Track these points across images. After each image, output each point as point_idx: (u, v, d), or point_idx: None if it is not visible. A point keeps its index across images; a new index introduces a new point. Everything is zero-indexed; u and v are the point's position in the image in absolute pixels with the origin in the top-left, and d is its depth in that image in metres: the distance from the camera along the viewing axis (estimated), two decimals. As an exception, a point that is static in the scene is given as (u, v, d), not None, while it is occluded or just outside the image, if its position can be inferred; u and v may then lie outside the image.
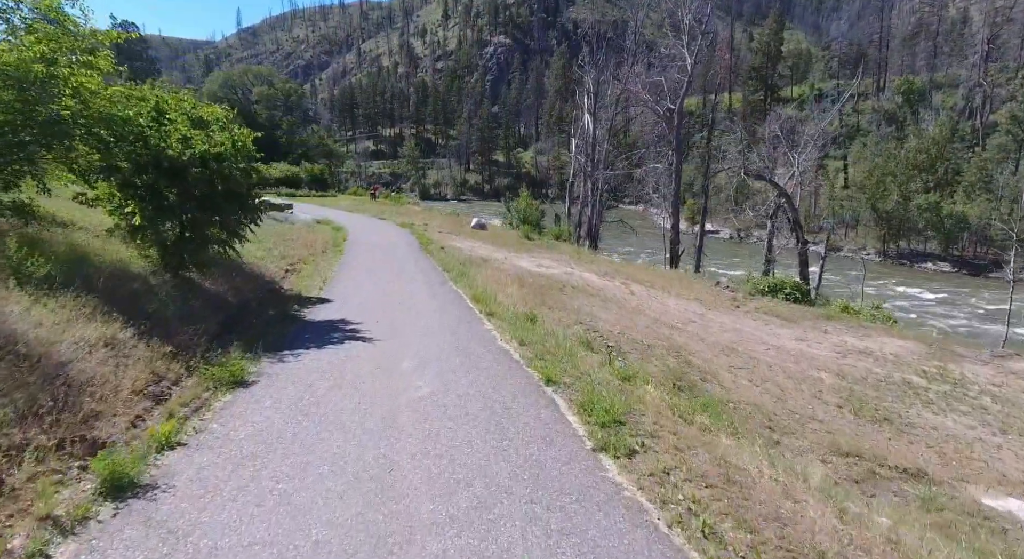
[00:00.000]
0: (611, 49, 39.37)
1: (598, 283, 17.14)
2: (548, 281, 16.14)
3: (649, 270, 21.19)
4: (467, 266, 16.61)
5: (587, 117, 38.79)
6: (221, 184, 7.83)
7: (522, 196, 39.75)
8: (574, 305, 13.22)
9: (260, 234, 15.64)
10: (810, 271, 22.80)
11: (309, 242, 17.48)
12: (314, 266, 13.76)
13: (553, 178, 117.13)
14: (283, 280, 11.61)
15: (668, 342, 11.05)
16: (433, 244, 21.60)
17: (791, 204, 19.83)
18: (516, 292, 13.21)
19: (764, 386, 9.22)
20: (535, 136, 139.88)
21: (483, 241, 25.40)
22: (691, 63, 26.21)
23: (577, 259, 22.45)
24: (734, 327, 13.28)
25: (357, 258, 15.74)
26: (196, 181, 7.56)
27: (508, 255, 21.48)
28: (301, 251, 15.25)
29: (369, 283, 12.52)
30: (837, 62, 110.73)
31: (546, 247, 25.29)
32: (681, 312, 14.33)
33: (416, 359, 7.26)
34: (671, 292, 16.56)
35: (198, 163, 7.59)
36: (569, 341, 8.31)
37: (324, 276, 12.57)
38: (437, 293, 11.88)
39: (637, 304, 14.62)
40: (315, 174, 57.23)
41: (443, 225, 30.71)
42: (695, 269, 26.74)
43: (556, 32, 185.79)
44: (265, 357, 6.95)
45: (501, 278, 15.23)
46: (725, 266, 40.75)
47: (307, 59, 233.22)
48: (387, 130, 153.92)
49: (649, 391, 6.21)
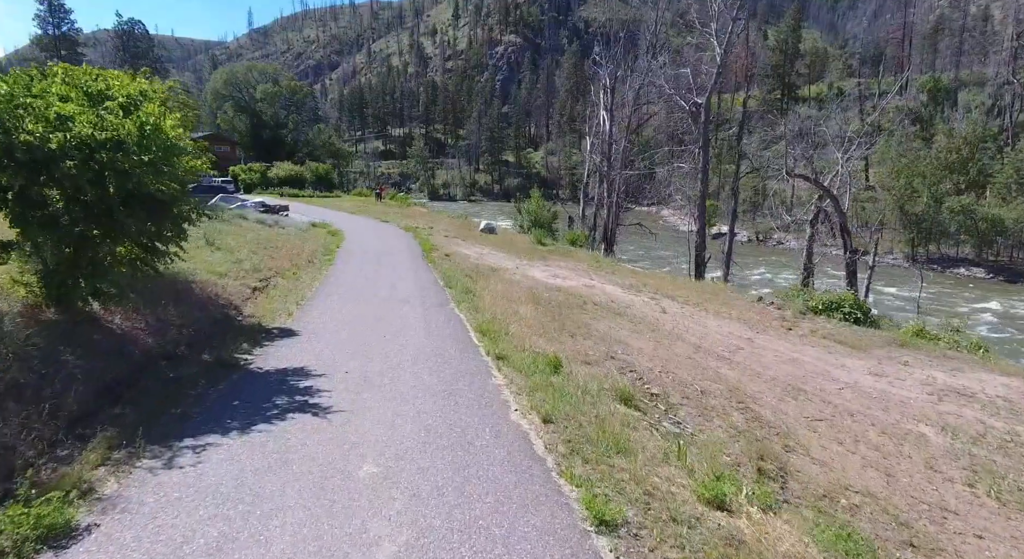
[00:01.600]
0: (628, 42, 37.21)
1: (623, 298, 14.98)
2: (567, 297, 14.01)
3: (678, 282, 18.99)
4: (474, 278, 14.52)
5: (603, 114, 36.62)
6: (115, 183, 5.63)
7: (533, 197, 37.64)
8: (600, 330, 11.08)
9: (236, 243, 13.67)
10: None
11: (295, 250, 15.47)
12: (293, 281, 11.73)
13: (564, 178, 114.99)
14: (246, 303, 9.54)
15: (721, 381, 8.89)
16: (437, 251, 19.55)
17: (839, 208, 17.60)
18: (531, 314, 11.10)
19: (860, 451, 7.04)
20: (546, 136, 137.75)
21: (492, 247, 23.31)
22: (720, 53, 23.97)
23: (596, 268, 20.28)
24: (792, 357, 11.09)
25: (347, 270, 13.68)
26: (72, 180, 5.39)
27: (520, 263, 19.37)
28: (281, 262, 13.23)
29: (353, 305, 10.39)
30: (858, 60, 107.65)
31: (561, 254, 23.14)
32: (725, 336, 12.15)
33: (384, 459, 4.79)
34: (708, 310, 14.37)
35: (75, 154, 5.40)
36: (606, 400, 6.17)
37: (300, 296, 10.52)
38: (434, 322, 9.68)
39: (673, 327, 12.45)
40: (320, 174, 55.38)
41: (449, 229, 28.66)
42: (723, 278, 24.48)
43: (567, 31, 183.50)
44: (144, 458, 4.57)
45: (513, 294, 13.13)
46: (751, 274, 38.39)
47: (317, 59, 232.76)
48: (396, 130, 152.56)
49: (767, 530, 4.01)
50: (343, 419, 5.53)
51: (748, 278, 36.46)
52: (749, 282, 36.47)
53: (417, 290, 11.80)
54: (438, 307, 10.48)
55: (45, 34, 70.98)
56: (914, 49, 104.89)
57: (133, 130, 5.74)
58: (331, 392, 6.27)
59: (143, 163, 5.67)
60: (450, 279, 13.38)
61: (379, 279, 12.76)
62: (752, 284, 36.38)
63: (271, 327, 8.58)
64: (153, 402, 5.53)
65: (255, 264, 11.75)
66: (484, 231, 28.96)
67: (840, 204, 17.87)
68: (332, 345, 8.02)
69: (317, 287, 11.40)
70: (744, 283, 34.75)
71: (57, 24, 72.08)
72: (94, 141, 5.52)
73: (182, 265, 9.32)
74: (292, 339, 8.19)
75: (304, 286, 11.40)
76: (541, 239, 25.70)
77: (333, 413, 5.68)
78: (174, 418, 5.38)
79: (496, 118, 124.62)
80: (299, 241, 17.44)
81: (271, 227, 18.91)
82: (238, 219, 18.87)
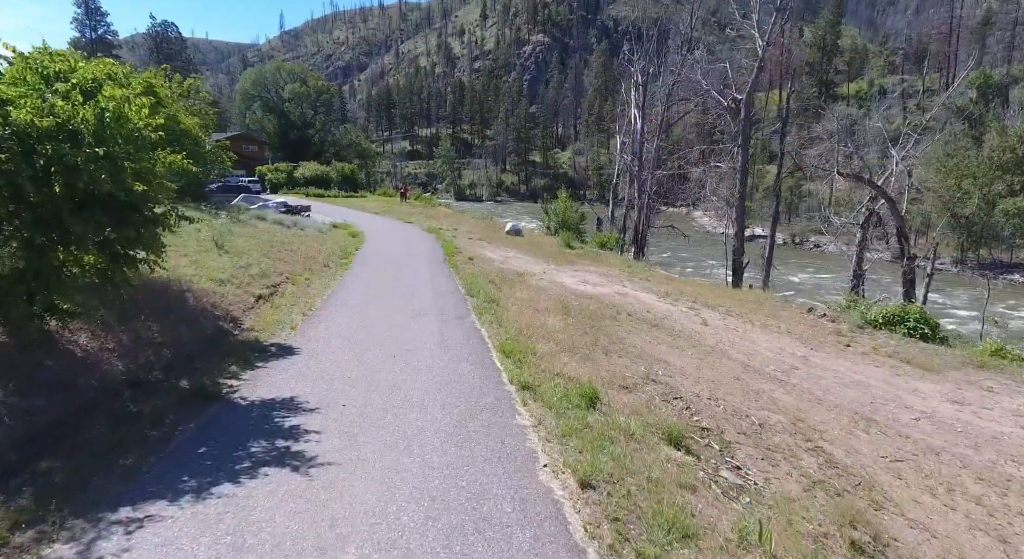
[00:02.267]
0: (661, 38, 35.83)
1: (659, 308, 13.84)
2: (598, 306, 12.95)
3: (717, 290, 17.73)
4: (498, 285, 13.56)
5: (634, 112, 35.34)
6: (62, 182, 4.64)
7: (560, 198, 36.55)
8: (637, 345, 10.01)
9: (247, 245, 12.99)
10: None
11: (311, 253, 14.75)
12: (303, 288, 10.95)
13: (592, 179, 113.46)
14: (246, 314, 8.77)
15: (780, 410, 7.75)
16: (460, 254, 18.67)
17: (896, 211, 16.09)
18: (560, 327, 10.09)
19: (959, 505, 5.85)
20: (573, 136, 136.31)
21: (518, 250, 22.35)
22: (762, 45, 22.54)
23: (628, 274, 19.14)
24: (855, 379, 9.83)
25: (363, 276, 12.86)
26: (8, 177, 4.45)
27: (547, 268, 18.36)
28: (294, 266, 12.48)
29: (363, 318, 9.49)
30: (902, 56, 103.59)
31: (590, 258, 22.04)
32: (775, 353, 10.93)
33: (371, 546, 3.67)
34: (754, 322, 13.13)
35: (11, 145, 4.50)
36: (653, 442, 5.12)
37: (308, 305, 9.72)
38: (452, 338, 8.62)
39: (716, 341, 11.29)
40: (346, 174, 55.22)
41: (474, 230, 27.79)
42: (764, 285, 23.04)
43: (596, 30, 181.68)
44: (56, 543, 3.55)
45: (540, 303, 12.13)
46: (790, 278, 36.56)
47: (346, 60, 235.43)
48: (424, 130, 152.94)
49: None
50: (328, 477, 4.50)
51: (787, 283, 34.69)
52: (788, 288, 34.71)
53: (436, 299, 10.87)
54: (457, 320, 9.52)
55: (82, 37, 72.62)
56: (961, 44, 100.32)
57: (90, 118, 4.87)
58: (321, 435, 5.23)
59: (97, 157, 4.79)
60: (472, 286, 12.44)
61: (396, 286, 11.89)
62: (791, 290, 34.65)
63: (269, 343, 7.75)
64: (99, 450, 4.55)
65: (264, 269, 11.00)
66: (510, 233, 28.02)
67: (897, 207, 16.37)
68: (333, 368, 7.08)
69: (328, 295, 10.58)
70: (783, 289, 33.04)
71: (94, 27, 73.73)
72: (36, 130, 4.64)
73: (183, 271, 8.57)
74: (289, 359, 7.27)
75: (314, 294, 10.59)
76: (569, 242, 24.62)
77: (318, 467, 4.65)
78: (119, 473, 4.39)
79: (523, 118, 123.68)
80: (316, 243, 16.73)
81: (289, 228, 18.28)
82: (256, 220, 18.29)
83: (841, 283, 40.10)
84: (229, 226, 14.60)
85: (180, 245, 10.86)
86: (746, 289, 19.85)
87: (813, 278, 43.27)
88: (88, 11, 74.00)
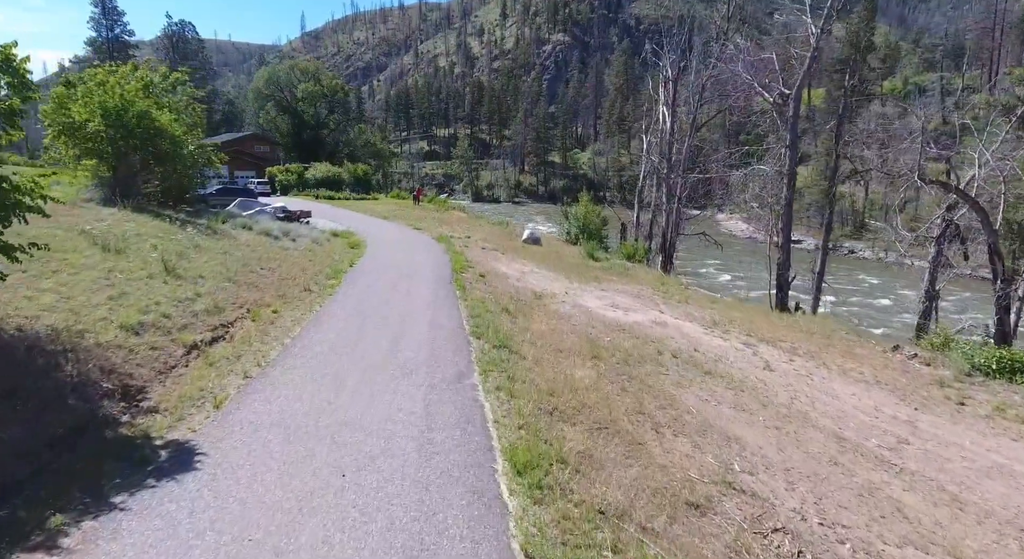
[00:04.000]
0: (693, 30, 33.20)
1: (708, 343, 11.34)
2: (635, 343, 10.51)
3: (770, 317, 15.15)
4: (513, 314, 11.21)
5: (662, 110, 32.73)
6: None
7: (582, 201, 34.11)
8: (693, 407, 7.58)
9: (211, 266, 10.78)
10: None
11: (294, 272, 12.52)
12: (264, 327, 8.64)
13: (612, 180, 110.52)
14: (160, 379, 6.31)
15: (916, 530, 5.27)
16: (471, 269, 16.35)
17: (988, 224, 13.39)
18: (591, 380, 7.71)
19: None
20: (593, 136, 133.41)
21: (536, 262, 19.96)
22: (817, 34, 19.86)
23: (663, 293, 16.64)
24: (993, 460, 7.27)
25: (348, 305, 10.48)
26: None
27: (569, 286, 15.95)
28: (264, 293, 10.20)
29: (324, 383, 6.83)
30: (941, 52, 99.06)
31: (617, 272, 19.56)
32: (870, 415, 8.40)
33: None
34: (828, 364, 10.57)
35: None
36: None
37: (258, 359, 7.34)
38: (440, 425, 5.82)
39: (790, 396, 8.78)
40: (358, 175, 53.19)
41: (488, 238, 25.44)
42: (812, 307, 20.32)
43: (617, 29, 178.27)
44: None
45: (564, 340, 9.76)
46: (833, 286, 33.59)
47: (366, 61, 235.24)
48: (441, 131, 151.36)
49: None
50: None
51: (838, 298, 31.69)
52: (841, 305, 31.76)
53: (431, 345, 8.39)
54: (453, 385, 6.94)
55: (98, 36, 72.03)
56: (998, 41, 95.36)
57: None
58: None
59: None
60: (480, 319, 10.08)
61: (384, 322, 9.48)
62: (840, 305, 31.70)
63: (164, 442, 5.24)
64: None
65: (217, 302, 8.73)
66: (527, 242, 25.63)
67: (990, 220, 13.65)
68: (243, 498, 4.48)
69: (292, 339, 8.13)
70: (836, 307, 30.10)
71: (110, 27, 73.08)
72: None
73: (84, 314, 6.31)
74: (179, 484, 4.60)
75: (274, 337, 8.18)
76: (593, 253, 22.17)
77: None
78: None
79: (542, 118, 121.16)
80: (305, 259, 14.52)
81: (277, 239, 16.13)
82: (241, 230, 16.19)
83: (893, 295, 36.86)
84: (199, 240, 12.46)
85: (113, 269, 8.69)
86: (800, 315, 17.21)
87: (860, 289, 40.15)
88: (105, 10, 73.40)
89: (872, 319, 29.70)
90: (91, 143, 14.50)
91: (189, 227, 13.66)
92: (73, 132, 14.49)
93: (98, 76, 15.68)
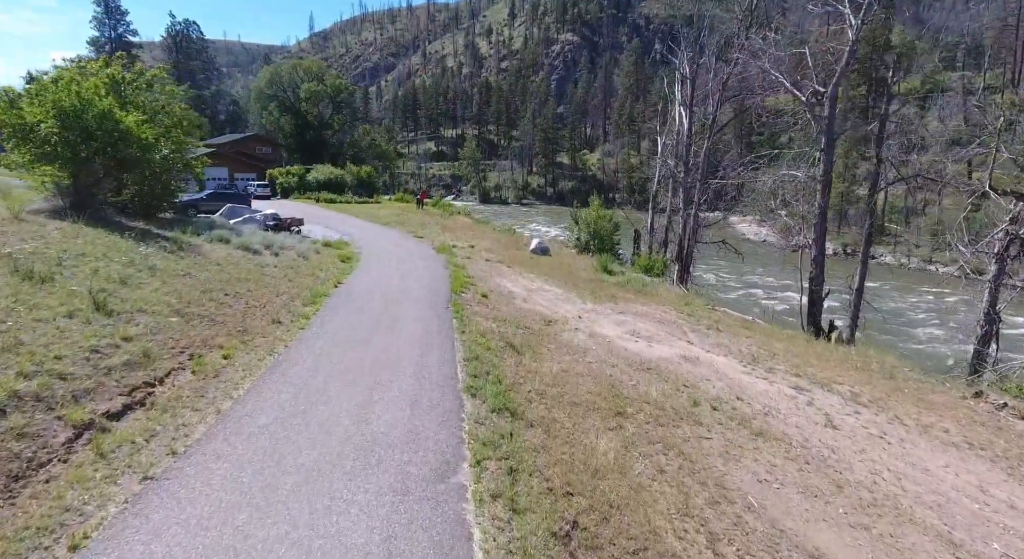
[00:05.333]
0: (711, 27, 31.28)
1: (752, 387, 9.51)
2: (663, 388, 8.72)
3: (813, 347, 13.25)
4: (518, 350, 9.46)
5: (679, 110, 30.82)
6: None
7: (593, 205, 32.23)
8: (748, 492, 5.78)
9: (157, 295, 9.05)
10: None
11: (266, 298, 10.78)
12: (205, 379, 6.84)
13: (622, 181, 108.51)
14: (6, 495, 4.27)
15: None
16: (472, 287, 14.61)
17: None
18: (614, 455, 5.96)
19: None
20: (602, 137, 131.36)
21: (545, 276, 18.18)
22: (857, 24, 17.95)
23: (688, 315, 14.80)
24: None
25: (319, 345, 8.58)
26: None
27: (583, 309, 14.15)
28: (220, 328, 8.37)
29: (252, 495, 4.80)
30: (964, 50, 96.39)
31: (635, 289, 17.72)
32: (977, 499, 6.56)
33: None
34: (900, 416, 8.71)
35: None
36: None
37: (182, 436, 5.47)
38: None
39: (869, 471, 6.95)
40: (361, 177, 51.63)
41: (493, 248, 23.68)
42: (850, 330, 18.38)
43: (627, 28, 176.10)
44: None
45: (579, 386, 8.03)
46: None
47: (374, 61, 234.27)
48: (449, 131, 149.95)
49: None
50: None
51: (875, 318, 29.46)
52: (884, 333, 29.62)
53: (412, 408, 6.47)
54: (432, 488, 4.95)
55: (101, 36, 71.01)
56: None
57: None
58: None
59: None
60: (479, 363, 8.31)
61: (359, 371, 7.54)
62: (876, 323, 29.59)
63: None
64: None
65: (147, 348, 6.91)
66: (535, 252, 23.84)
67: (1073, 235, 11.75)
68: None
69: (228, 408, 6.20)
70: (876, 330, 27.93)
71: (113, 26, 72.06)
72: None
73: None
74: None
75: (209, 403, 6.24)
76: (607, 266, 20.33)
77: None
78: None
79: (551, 118, 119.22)
80: (284, 278, 12.78)
81: (257, 255, 14.43)
82: (218, 243, 14.52)
83: (924, 307, 34.60)
84: (157, 259, 10.76)
85: (19, 305, 6.99)
86: (850, 348, 15.32)
87: (887, 298, 38.04)
88: (108, 10, 72.42)
89: (906, 336, 27.66)
90: (46, 147, 12.88)
91: (151, 243, 11.97)
92: (26, 134, 12.88)
93: (67, 74, 14.11)
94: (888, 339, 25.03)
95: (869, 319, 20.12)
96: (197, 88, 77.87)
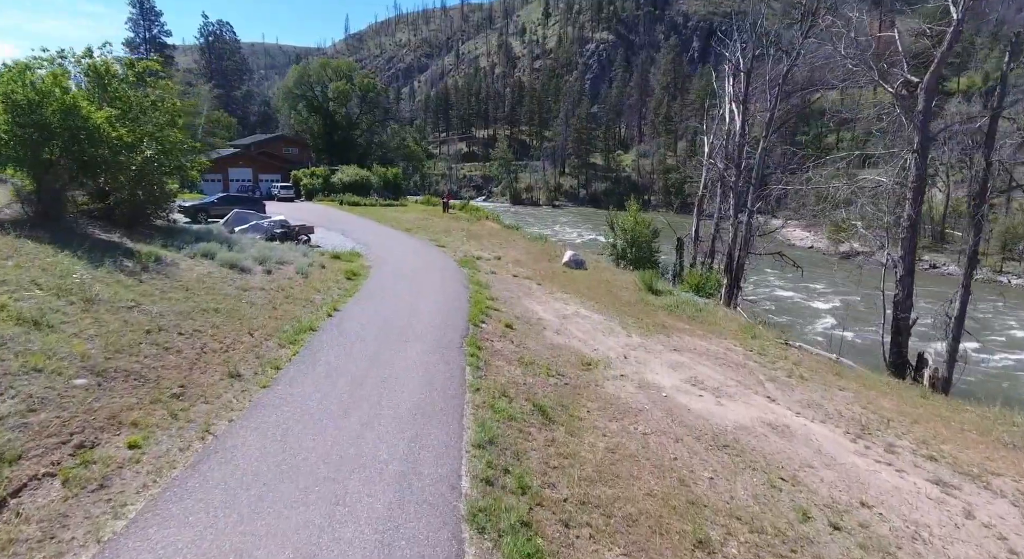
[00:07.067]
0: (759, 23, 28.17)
1: (877, 485, 6.84)
2: (757, 493, 6.18)
3: (928, 403, 10.43)
4: (550, 419, 7.07)
5: (730, 107, 27.89)
6: None
7: (630, 209, 29.52)
8: None
9: (83, 343, 6.92)
10: None
11: (239, 332, 8.60)
12: (74, 496, 4.48)
13: (658, 182, 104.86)
14: None
15: None
16: (495, 313, 12.24)
17: None
18: None
19: None
20: (638, 137, 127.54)
21: (581, 297, 15.66)
22: (962, 8, 14.94)
23: (759, 354, 12.09)
24: None
25: (278, 416, 6.11)
26: None
27: (629, 343, 11.59)
28: (151, 390, 6.01)
29: None
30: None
31: (688, 315, 15.05)
32: None
33: None
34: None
35: None
36: None
37: None
38: None
39: None
40: (387, 179, 49.88)
41: (522, 259, 21.26)
42: (948, 367, 15.31)
43: (663, 26, 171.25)
44: None
45: (636, 494, 5.68)
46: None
47: (408, 62, 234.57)
48: (481, 131, 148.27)
49: None
50: None
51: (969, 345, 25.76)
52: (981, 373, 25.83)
53: (387, 542, 4.20)
54: None
55: (136, 37, 71.38)
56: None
57: None
58: None
59: None
60: (494, 449, 5.93)
61: (313, 476, 5.01)
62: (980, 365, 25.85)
63: None
64: None
65: (8, 439, 4.77)
66: (568, 265, 21.31)
67: None
68: None
69: (107, 540, 3.96)
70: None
71: (148, 27, 72.39)
72: None
73: None
74: None
75: (60, 548, 4.10)
76: (651, 284, 17.66)
77: None
78: None
79: (584, 118, 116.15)
80: (266, 306, 10.61)
81: (244, 273, 12.36)
82: (201, 259, 12.51)
83: (1001, 323, 30.22)
84: (103, 286, 8.70)
85: None
86: (972, 409, 12.43)
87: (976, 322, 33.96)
88: (143, 11, 72.82)
89: (1012, 377, 23.56)
90: (0, 147, 11.06)
91: (112, 262, 9.96)
92: (-25, 132, 11.07)
93: (20, 63, 12.33)
94: (985, 379, 21.48)
95: (966, 356, 16.89)
96: (228, 89, 77.76)
